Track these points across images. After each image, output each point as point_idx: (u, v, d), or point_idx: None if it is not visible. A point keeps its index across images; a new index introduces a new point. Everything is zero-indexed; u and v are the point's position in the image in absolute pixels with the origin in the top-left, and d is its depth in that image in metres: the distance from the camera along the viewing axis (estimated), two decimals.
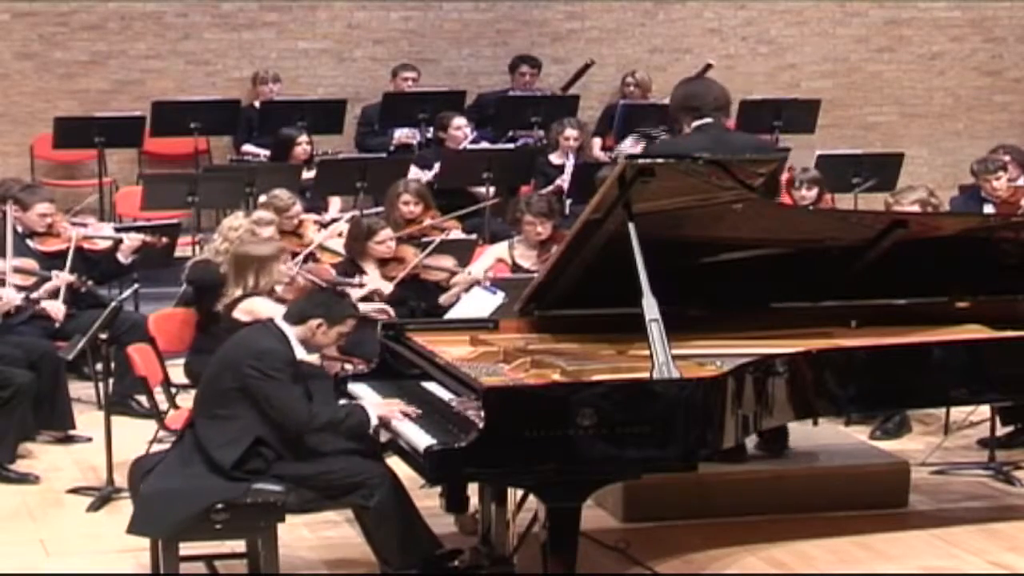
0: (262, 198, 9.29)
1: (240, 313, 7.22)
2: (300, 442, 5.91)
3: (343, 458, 5.91)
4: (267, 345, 5.94)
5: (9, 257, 8.31)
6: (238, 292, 7.32)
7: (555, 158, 11.20)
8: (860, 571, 6.38)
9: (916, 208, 8.28)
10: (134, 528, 5.86)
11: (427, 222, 9.34)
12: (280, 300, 7.25)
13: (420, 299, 8.52)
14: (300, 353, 6.05)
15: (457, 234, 9.48)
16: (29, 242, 8.72)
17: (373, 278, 8.45)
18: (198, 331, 7.69)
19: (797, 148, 11.33)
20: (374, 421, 5.88)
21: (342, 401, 6.24)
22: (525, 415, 5.41)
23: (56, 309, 8.26)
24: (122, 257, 8.87)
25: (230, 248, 7.77)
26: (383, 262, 8.57)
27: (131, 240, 8.87)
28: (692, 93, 7.26)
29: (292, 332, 6.02)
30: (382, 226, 8.70)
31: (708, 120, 7.05)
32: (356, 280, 8.35)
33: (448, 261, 8.75)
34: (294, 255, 8.45)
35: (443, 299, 8.45)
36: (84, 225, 9.14)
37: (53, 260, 8.61)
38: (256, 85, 12.28)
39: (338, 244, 9.03)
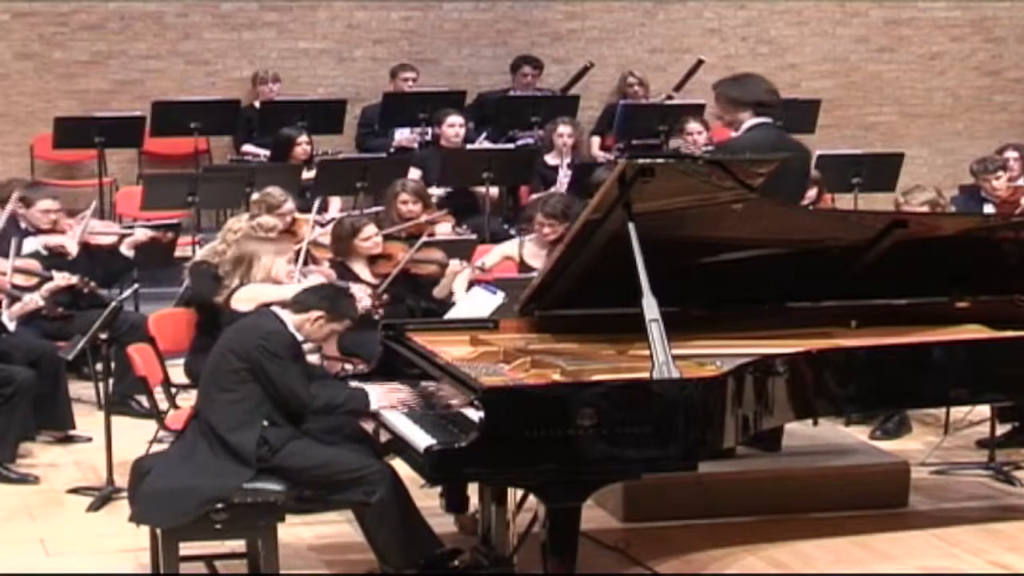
0: (254, 196, 9.28)
1: (239, 303, 7.16)
2: (301, 423, 5.95)
3: (345, 452, 5.93)
4: (272, 327, 6.02)
5: (12, 257, 8.32)
6: (235, 283, 7.31)
7: (550, 159, 11.19)
8: (860, 571, 6.37)
9: (925, 209, 8.29)
10: (135, 517, 5.86)
11: (423, 219, 9.32)
12: None
13: (415, 296, 8.49)
14: (298, 338, 6.10)
15: (445, 227, 9.45)
16: (33, 239, 8.74)
17: (364, 275, 8.43)
18: (198, 331, 7.69)
19: None
20: (374, 406, 5.93)
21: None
22: (525, 415, 5.41)
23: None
24: (125, 249, 8.90)
25: (227, 249, 7.77)
26: (372, 260, 8.53)
27: (137, 234, 8.92)
28: None
29: (290, 320, 6.06)
30: (366, 223, 8.64)
31: None
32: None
33: (437, 254, 8.71)
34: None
35: (436, 291, 8.43)
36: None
37: (56, 259, 8.62)
38: (256, 85, 12.28)
39: None
